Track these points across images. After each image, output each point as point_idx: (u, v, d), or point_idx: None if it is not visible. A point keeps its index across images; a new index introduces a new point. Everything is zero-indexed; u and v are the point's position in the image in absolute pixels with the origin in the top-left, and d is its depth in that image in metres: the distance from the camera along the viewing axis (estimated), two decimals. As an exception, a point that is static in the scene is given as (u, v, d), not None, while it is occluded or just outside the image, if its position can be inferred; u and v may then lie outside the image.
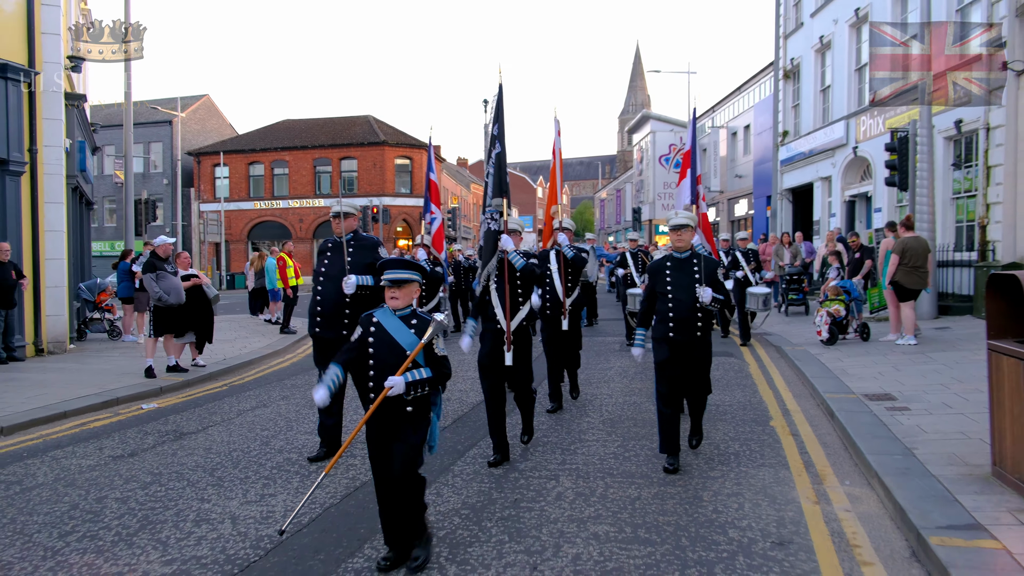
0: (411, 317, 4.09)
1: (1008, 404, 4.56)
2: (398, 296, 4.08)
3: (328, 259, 6.41)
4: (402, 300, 4.09)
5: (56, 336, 12.93)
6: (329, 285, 6.28)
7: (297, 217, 47.17)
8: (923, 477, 4.89)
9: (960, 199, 16.28)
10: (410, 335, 4.02)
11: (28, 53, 12.36)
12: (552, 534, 4.41)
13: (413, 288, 4.14)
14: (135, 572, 4.02)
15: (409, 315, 4.10)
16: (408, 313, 4.11)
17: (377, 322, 4.09)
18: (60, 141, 13.05)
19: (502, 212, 6.20)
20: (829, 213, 22.85)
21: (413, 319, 4.09)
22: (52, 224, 12.92)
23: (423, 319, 4.09)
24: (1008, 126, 13.89)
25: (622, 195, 64.21)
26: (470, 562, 4.04)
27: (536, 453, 6.21)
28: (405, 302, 4.10)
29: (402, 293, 4.09)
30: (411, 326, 4.06)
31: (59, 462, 6.27)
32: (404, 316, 4.09)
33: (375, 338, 4.06)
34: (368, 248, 6.46)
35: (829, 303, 11.87)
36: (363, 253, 6.39)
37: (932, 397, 7.35)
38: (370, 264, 6.30)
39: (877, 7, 19.27)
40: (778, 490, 5.10)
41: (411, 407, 3.96)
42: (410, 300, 4.13)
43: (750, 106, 32.38)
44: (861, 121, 20.28)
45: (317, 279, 6.39)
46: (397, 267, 4.14)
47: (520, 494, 5.15)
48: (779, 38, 26.41)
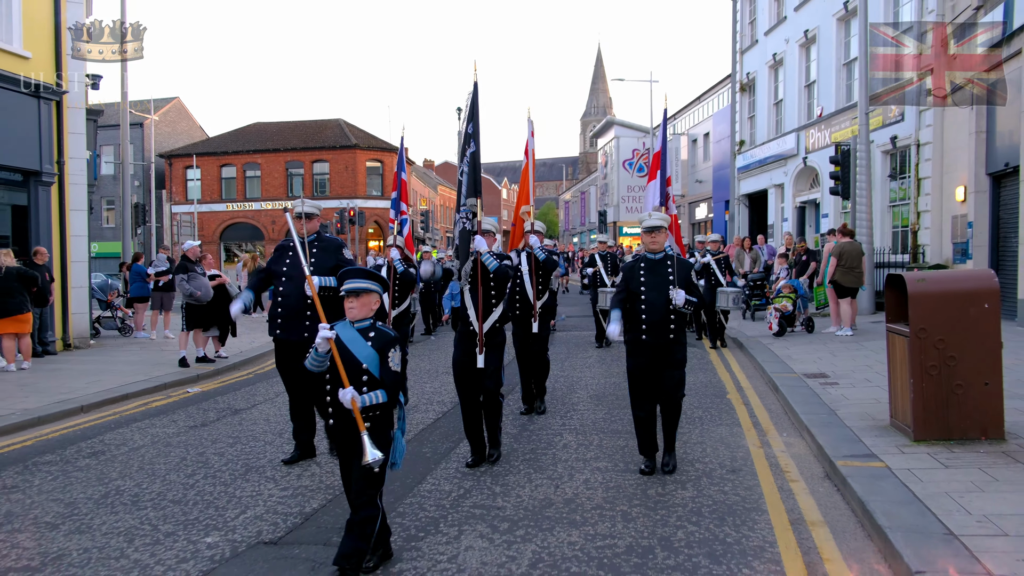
0: (370, 330, 3.99)
1: (899, 370, 6.17)
2: (355, 306, 3.98)
3: (289, 259, 6.21)
4: (359, 311, 3.98)
5: (80, 332, 14.10)
6: (290, 286, 6.13)
7: (270, 219, 47.97)
8: (840, 428, 6.48)
9: (896, 207, 18.16)
10: (367, 348, 3.93)
11: (56, 73, 13.52)
12: (566, 468, 5.91)
13: (372, 299, 4.02)
14: (261, 495, 5.41)
15: (368, 327, 4.00)
16: (367, 326, 4.00)
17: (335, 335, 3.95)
18: (83, 153, 14.23)
19: (475, 212, 6.18)
20: (782, 218, 24.72)
21: (372, 332, 3.98)
22: (76, 230, 14.09)
23: (382, 332, 3.99)
24: (935, 143, 15.76)
25: (586, 197, 65.98)
26: (510, 484, 5.52)
27: (539, 420, 7.69)
28: (363, 313, 3.99)
29: (359, 303, 3.98)
30: (369, 339, 3.96)
31: (146, 431, 7.59)
32: (363, 329, 3.99)
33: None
34: (331, 250, 6.34)
35: (779, 300, 13.55)
36: (326, 255, 6.28)
37: (857, 375, 9.00)
38: (333, 267, 6.20)
39: (823, 29, 21.13)
40: (732, 440, 6.66)
41: (368, 423, 3.87)
42: (369, 311, 4.02)
43: (709, 115, 34.29)
44: (810, 134, 22.13)
45: (278, 279, 6.23)
46: (357, 276, 4.02)
47: (535, 445, 6.64)
48: (736, 53, 28.25)
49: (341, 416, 3.93)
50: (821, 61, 21.43)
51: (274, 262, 6.33)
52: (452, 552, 4.30)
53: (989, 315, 5.73)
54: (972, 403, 5.73)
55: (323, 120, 51.78)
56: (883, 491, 4.76)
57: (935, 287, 5.87)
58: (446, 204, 68.61)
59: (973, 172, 14.08)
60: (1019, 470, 5.06)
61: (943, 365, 5.73)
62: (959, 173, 14.79)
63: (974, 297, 5.74)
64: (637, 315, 5.70)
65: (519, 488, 5.43)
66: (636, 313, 5.71)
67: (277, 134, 50.27)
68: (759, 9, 26.27)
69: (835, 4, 20.10)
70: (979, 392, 5.72)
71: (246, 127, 52.59)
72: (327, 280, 6.08)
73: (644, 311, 5.66)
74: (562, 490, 5.37)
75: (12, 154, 12.62)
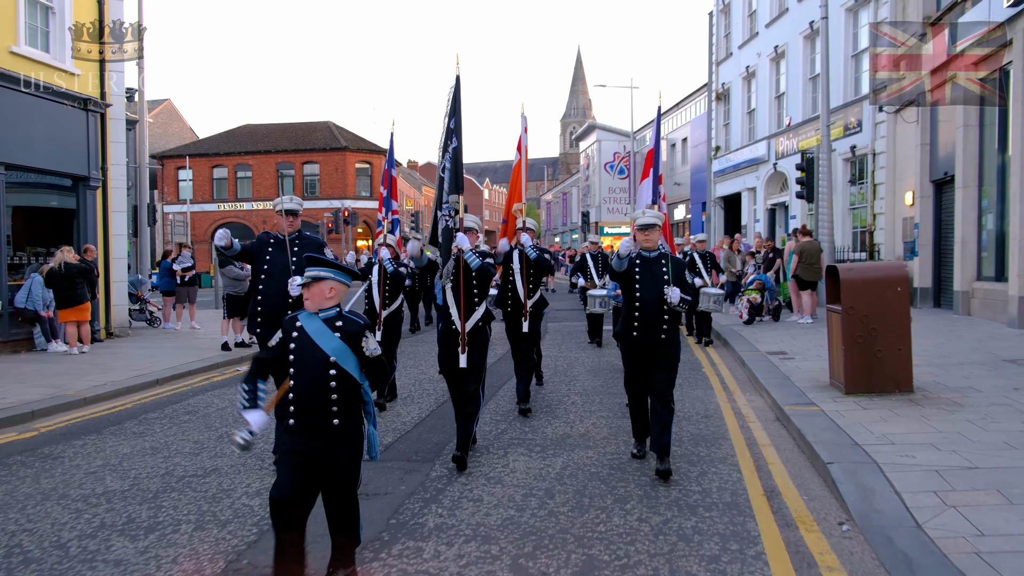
0: (336, 319, 3.78)
1: (834, 340, 7.90)
2: (311, 297, 3.78)
3: (270, 256, 6.13)
4: (313, 302, 3.77)
5: (120, 322, 15.55)
6: (272, 284, 6.04)
7: (261, 218, 49.20)
8: (790, 387, 8.18)
9: (855, 209, 20.01)
10: (334, 339, 3.71)
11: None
12: (576, 415, 7.57)
13: (324, 286, 3.78)
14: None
15: (334, 317, 3.78)
16: (333, 315, 3.79)
17: (300, 326, 3.77)
18: (123, 160, 15.71)
19: (458, 210, 6.08)
20: (754, 219, 26.56)
21: (338, 321, 3.77)
22: (117, 229, 15.55)
23: (350, 320, 3.79)
24: (888, 153, 17.60)
25: (568, 198, 67.73)
26: (535, 426, 7.16)
27: (548, 386, 9.32)
28: (317, 303, 3.78)
29: (310, 293, 3.78)
30: (336, 329, 3.75)
31: (222, 397, 9.15)
32: (329, 318, 3.77)
33: (296, 344, 3.75)
34: (313, 248, 6.22)
35: (749, 292, 15.31)
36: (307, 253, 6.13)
37: (811, 352, 10.73)
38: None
39: (792, 45, 22.97)
40: (706, 398, 8.35)
41: (337, 420, 3.69)
42: (323, 301, 3.78)
43: (687, 121, 36.15)
44: (780, 141, 23.97)
45: (258, 276, 6.15)
46: (315, 265, 3.84)
47: (549, 402, 8.29)
48: (712, 64, 30.08)
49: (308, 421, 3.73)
50: (790, 75, 23.28)
51: (256, 254, 6.18)
52: (503, 463, 5.94)
53: (901, 296, 7.46)
54: (888, 364, 7.45)
55: (312, 122, 53.14)
56: (815, 424, 6.45)
57: (860, 275, 7.61)
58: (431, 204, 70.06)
59: (919, 180, 15.92)
60: (915, 410, 6.78)
61: (867, 335, 7.45)
62: (908, 180, 16.63)
63: (889, 283, 7.47)
64: (630, 312, 5.69)
65: (543, 428, 7.08)
66: (629, 311, 5.71)
67: (268, 136, 51.57)
68: (734, 24, 28.10)
69: (802, 23, 21.94)
70: (894, 356, 7.45)
71: (237, 129, 53.78)
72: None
73: (638, 308, 5.64)
74: (576, 428, 7.03)
75: (64, 161, 14.06)
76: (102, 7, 14.84)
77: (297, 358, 3.71)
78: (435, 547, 4.29)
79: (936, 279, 15.73)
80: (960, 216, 13.88)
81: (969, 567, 3.64)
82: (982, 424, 6.18)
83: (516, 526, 4.59)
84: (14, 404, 8.30)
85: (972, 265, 13.75)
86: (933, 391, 7.51)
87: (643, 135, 43.11)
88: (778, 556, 4.04)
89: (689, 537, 4.34)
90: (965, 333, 11.62)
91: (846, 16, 19.74)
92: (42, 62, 13.47)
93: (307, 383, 3.67)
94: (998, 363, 8.91)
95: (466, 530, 4.54)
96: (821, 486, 5.21)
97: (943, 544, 3.90)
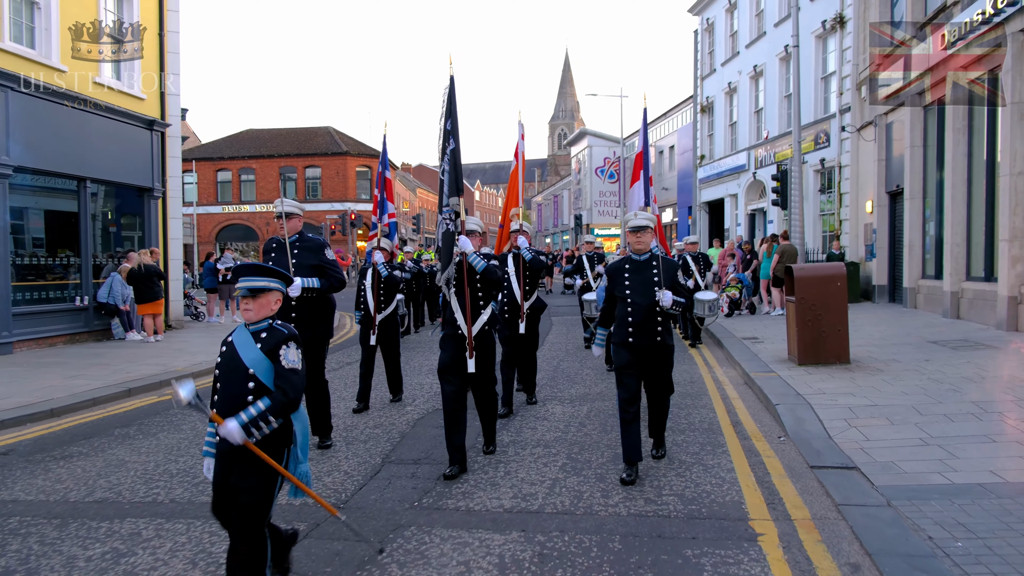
0: (263, 331, 3.60)
1: (791, 324, 10.14)
2: (251, 308, 3.59)
3: (273, 260, 6.29)
4: (256, 312, 3.60)
5: (177, 316, 17.64)
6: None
7: (264, 220, 51.11)
8: (757, 362, 10.41)
9: (825, 216, 22.34)
10: (256, 351, 3.53)
11: (161, 110, 17.05)
12: (592, 381, 9.77)
13: (271, 298, 3.65)
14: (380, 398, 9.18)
15: (263, 329, 3.61)
16: (263, 327, 3.61)
17: (230, 341, 3.63)
18: (179, 172, 17.78)
19: (459, 212, 6.01)
20: (736, 223, 28.88)
21: (264, 333, 3.59)
22: (174, 233, 17.64)
23: (275, 331, 3.60)
24: (852, 166, 19.92)
25: (559, 200, 69.94)
26: (558, 389, 9.35)
27: (567, 360, 11.51)
28: (260, 315, 3.61)
29: (256, 304, 3.59)
30: (260, 340, 3.56)
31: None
32: (257, 331, 3.60)
33: (223, 357, 3.61)
34: (313, 250, 6.34)
35: (729, 289, 17.59)
36: (308, 255, 6.32)
37: (778, 337, 12.95)
38: (316, 266, 6.28)
39: (769, 66, 25.28)
40: (690, 371, 10.57)
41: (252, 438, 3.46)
42: (267, 312, 3.64)
43: (674, 130, 38.46)
44: (758, 152, 26.29)
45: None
46: (253, 273, 3.64)
47: (569, 374, 10.48)
48: (697, 78, 32.39)
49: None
50: (767, 92, 25.60)
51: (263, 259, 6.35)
52: (545, 410, 8.13)
53: (841, 290, 9.72)
54: (831, 342, 9.70)
55: (314, 127, 55.10)
56: (772, 383, 8.68)
57: (809, 273, 9.87)
58: (426, 207, 72.15)
59: (877, 191, 18.23)
60: (847, 374, 9.02)
61: (814, 320, 9.70)
62: (868, 190, 18.95)
63: (832, 279, 9.73)
64: (623, 317, 5.65)
65: (568, 390, 9.29)
66: (622, 315, 5.67)
67: (270, 140, 53.49)
68: (717, 42, 30.43)
69: (777, 46, 24.26)
70: (835, 336, 9.70)
71: (240, 133, 55.62)
72: (310, 281, 6.22)
73: (630, 313, 5.61)
74: (592, 390, 9.25)
75: (133, 175, 16.14)
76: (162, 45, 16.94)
77: (221, 371, 3.59)
78: (514, 451, 6.47)
79: (891, 277, 18.04)
80: (908, 223, 16.20)
81: (854, 455, 5.84)
82: (890, 382, 8.44)
83: (564, 439, 6.82)
84: (144, 376, 10.43)
85: (918, 265, 16.07)
86: (865, 362, 9.76)
87: (632, 141, 45.45)
88: (736, 452, 6.26)
89: (680, 444, 6.55)
90: (907, 322, 13.92)
91: (815, 42, 22.06)
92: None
93: (227, 397, 3.52)
94: (923, 344, 11.19)
95: (531, 442, 6.74)
96: (770, 419, 7.44)
97: (842, 445, 6.11)
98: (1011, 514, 4.47)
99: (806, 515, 4.77)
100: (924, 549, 4.03)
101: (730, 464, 5.93)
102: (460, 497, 5.30)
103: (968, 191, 13.72)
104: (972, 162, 13.67)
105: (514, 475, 5.78)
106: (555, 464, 6.06)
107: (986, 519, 4.40)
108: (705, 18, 31.41)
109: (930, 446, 5.95)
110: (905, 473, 5.33)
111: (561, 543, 4.40)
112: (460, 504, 5.16)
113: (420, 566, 4.17)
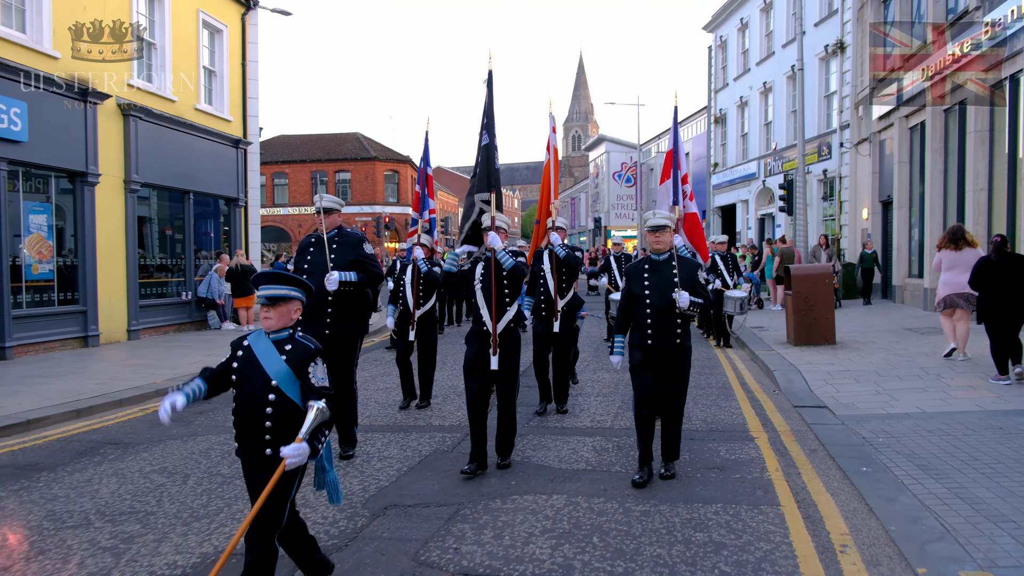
0: (286, 342, 3.54)
1: (790, 313, 12.55)
2: (271, 316, 3.54)
3: (311, 255, 6.27)
4: (276, 321, 3.55)
5: (255, 311, 20.20)
6: (311, 281, 5.83)
7: (296, 222, 53.85)
8: (762, 343, 12.80)
9: (827, 221, 24.67)
10: (280, 363, 3.48)
11: (243, 129, 19.61)
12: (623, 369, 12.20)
13: (291, 307, 3.59)
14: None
15: (285, 339, 3.56)
16: (284, 337, 3.57)
17: (247, 346, 3.58)
18: (258, 184, 20.36)
19: (489, 201, 6.04)
20: (747, 227, 31.22)
21: (288, 344, 3.53)
22: (254, 237, 20.22)
23: (300, 345, 3.54)
24: (851, 177, 22.26)
25: (576, 202, 72.27)
26: (595, 374, 11.78)
27: (587, 370, 13.91)
28: (280, 323, 3.56)
29: (276, 313, 3.54)
30: (284, 352, 3.51)
31: (375, 363, 13.73)
32: (279, 340, 3.56)
33: (240, 364, 3.55)
34: (351, 244, 6.31)
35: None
36: (346, 249, 6.28)
37: (780, 327, 15.30)
38: (354, 260, 6.23)
39: (777, 83, 27.62)
40: (707, 352, 12.96)
41: (270, 450, 3.43)
42: (287, 321, 3.59)
43: (689, 137, 40.76)
44: (767, 162, 28.62)
45: (299, 274, 5.81)
46: (273, 282, 3.59)
47: (602, 357, 12.91)
48: (711, 91, 34.74)
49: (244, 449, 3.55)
50: (776, 107, 27.94)
51: (297, 260, 6.39)
52: (583, 405, 10.57)
53: (829, 285, 12.12)
54: (820, 327, 12.10)
55: (343, 133, 57.75)
56: (772, 359, 11.08)
57: (804, 271, 12.28)
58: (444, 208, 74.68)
59: (872, 200, 20.58)
60: (831, 351, 11.42)
61: (807, 309, 12.10)
62: (865, 199, 21.29)
63: (821, 277, 12.14)
64: (641, 319, 5.59)
65: (602, 372, 11.73)
66: (640, 317, 5.61)
67: (302, 146, 56.18)
68: (729, 59, 32.77)
69: (785, 65, 26.59)
70: (824, 322, 12.10)
71: (272, 139, 58.16)
72: (347, 275, 6.15)
73: (648, 315, 5.56)
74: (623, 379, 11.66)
75: (223, 187, 18.71)
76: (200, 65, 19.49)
77: (240, 379, 3.55)
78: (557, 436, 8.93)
79: (884, 277, 20.37)
80: (896, 229, 18.56)
81: (826, 400, 8.23)
82: (864, 357, 10.84)
83: (609, 411, 9.26)
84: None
85: (905, 266, 18.43)
86: (848, 344, 12.16)
87: (648, 148, 47.84)
88: (742, 399, 8.72)
89: (702, 395, 8.98)
90: (893, 315, 16.28)
91: (819, 64, 24.40)
92: (212, 114, 18.10)
93: (246, 407, 3.50)
94: (899, 331, 13.57)
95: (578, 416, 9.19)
96: (768, 381, 9.86)
97: (819, 393, 8.51)
98: (919, 426, 6.88)
99: (787, 429, 7.21)
100: (857, 441, 6.45)
101: (738, 406, 8.38)
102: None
103: (944, 203, 16.08)
104: (947, 178, 16.03)
105: (579, 412, 8.23)
106: (612, 407, 8.51)
107: (902, 429, 6.81)
108: (719, 35, 33.75)
109: (880, 395, 8.37)
110: (858, 408, 7.75)
111: (628, 443, 6.85)
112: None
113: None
